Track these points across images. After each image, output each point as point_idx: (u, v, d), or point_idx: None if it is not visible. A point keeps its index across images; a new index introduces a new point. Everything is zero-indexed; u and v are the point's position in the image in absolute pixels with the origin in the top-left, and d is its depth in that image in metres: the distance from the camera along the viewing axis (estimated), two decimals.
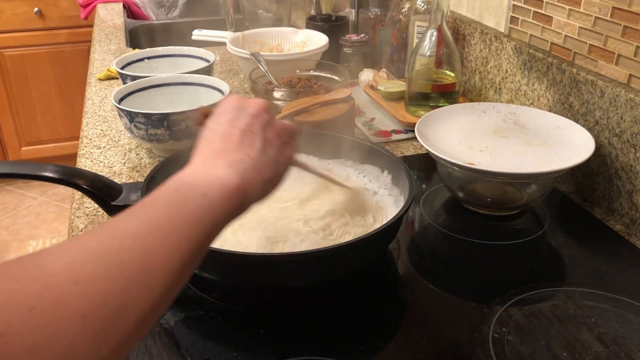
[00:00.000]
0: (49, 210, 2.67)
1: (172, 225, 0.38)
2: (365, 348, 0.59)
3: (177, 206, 0.40)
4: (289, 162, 0.55)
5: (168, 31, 1.83)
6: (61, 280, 0.31)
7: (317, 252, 0.61)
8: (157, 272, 0.36)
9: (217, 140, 0.50)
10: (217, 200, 0.43)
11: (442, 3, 1.03)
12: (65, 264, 0.32)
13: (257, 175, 0.48)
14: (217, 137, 0.50)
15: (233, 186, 0.45)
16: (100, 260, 0.33)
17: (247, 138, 0.50)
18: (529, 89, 0.98)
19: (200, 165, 0.47)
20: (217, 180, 0.45)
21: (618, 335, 0.60)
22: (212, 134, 0.51)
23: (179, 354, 0.58)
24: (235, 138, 0.49)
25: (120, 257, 0.34)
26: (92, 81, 1.36)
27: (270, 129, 0.52)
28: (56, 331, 0.29)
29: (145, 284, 0.35)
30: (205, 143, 0.50)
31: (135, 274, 0.34)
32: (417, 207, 0.85)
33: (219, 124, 0.51)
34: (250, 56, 1.18)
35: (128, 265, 0.34)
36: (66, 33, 2.62)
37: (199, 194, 0.42)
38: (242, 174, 0.47)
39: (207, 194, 0.43)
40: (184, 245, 0.38)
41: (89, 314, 0.31)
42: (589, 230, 0.80)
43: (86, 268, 0.32)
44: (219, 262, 0.62)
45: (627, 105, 0.78)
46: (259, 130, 0.51)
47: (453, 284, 0.70)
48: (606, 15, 0.82)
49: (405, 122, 1.08)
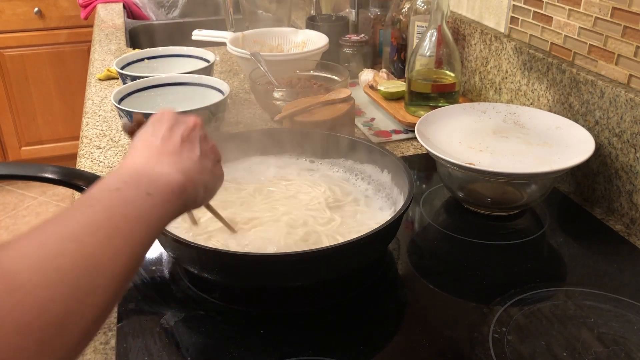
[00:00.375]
0: (49, 211, 2.67)
1: (115, 228, 0.37)
2: (365, 348, 0.59)
3: (119, 207, 0.39)
4: (221, 178, 0.56)
5: (168, 31, 1.83)
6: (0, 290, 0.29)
7: (317, 252, 0.61)
8: (101, 277, 0.34)
9: (157, 141, 0.49)
10: (161, 200, 0.42)
11: (442, 3, 1.03)
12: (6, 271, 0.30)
13: (199, 177, 0.49)
14: (157, 139, 0.49)
15: (178, 185, 0.45)
16: (38, 267, 0.31)
17: (186, 144, 0.50)
18: (529, 89, 0.98)
19: (142, 160, 0.46)
20: (162, 178, 0.44)
21: (618, 335, 0.60)
22: (151, 137, 0.50)
23: (179, 354, 0.58)
24: (176, 142, 0.49)
25: (60, 263, 0.32)
26: (92, 81, 1.36)
27: (205, 143, 0.53)
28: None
29: (88, 291, 0.33)
30: (143, 142, 0.49)
31: (77, 280, 0.32)
32: (417, 207, 0.85)
33: (157, 130, 0.51)
34: (250, 56, 1.18)
35: (69, 271, 0.32)
36: (66, 33, 2.62)
37: (143, 194, 0.41)
38: (186, 174, 0.46)
39: (152, 194, 0.42)
40: (128, 247, 0.37)
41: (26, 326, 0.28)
42: (589, 230, 0.80)
43: (22, 275, 0.30)
44: (219, 262, 0.62)
45: (627, 105, 0.78)
46: (196, 141, 0.51)
47: (453, 284, 0.70)
48: (606, 15, 0.82)
49: (405, 122, 1.08)
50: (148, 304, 0.65)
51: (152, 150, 0.47)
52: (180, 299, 0.66)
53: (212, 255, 0.61)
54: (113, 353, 0.58)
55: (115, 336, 0.60)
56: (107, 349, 0.59)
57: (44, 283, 0.31)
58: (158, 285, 0.68)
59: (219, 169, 0.55)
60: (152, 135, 0.50)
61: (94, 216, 0.37)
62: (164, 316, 0.63)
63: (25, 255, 0.32)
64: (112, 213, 0.38)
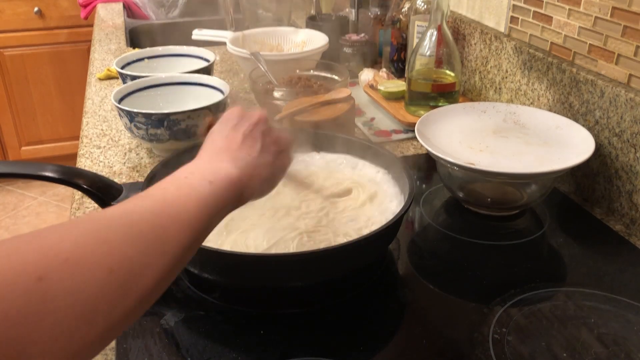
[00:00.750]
0: (49, 210, 2.67)
1: (183, 206, 0.44)
2: (365, 348, 0.59)
3: (187, 189, 0.46)
4: (284, 168, 0.60)
5: (168, 31, 1.83)
6: (90, 241, 0.36)
7: (317, 252, 0.61)
8: (170, 243, 0.41)
9: (221, 140, 0.55)
10: (220, 188, 0.48)
11: (442, 3, 1.03)
12: (94, 229, 0.38)
13: (255, 172, 0.54)
14: (221, 139, 0.56)
15: (235, 178, 0.50)
16: (123, 228, 0.39)
17: (248, 141, 0.55)
18: (529, 88, 0.98)
19: (206, 159, 0.53)
20: (222, 171, 0.50)
21: (618, 336, 0.60)
22: (216, 136, 0.56)
23: (179, 354, 0.58)
24: (238, 140, 0.55)
25: (140, 229, 0.40)
26: (92, 81, 1.36)
27: (268, 136, 0.58)
28: (87, 279, 0.34)
29: (161, 253, 0.40)
30: (210, 143, 0.56)
31: (152, 243, 0.40)
32: (417, 207, 0.85)
33: (223, 129, 0.57)
34: (250, 56, 1.17)
35: (146, 235, 0.40)
36: (66, 33, 2.62)
37: (206, 182, 0.48)
38: (242, 169, 0.52)
39: (213, 182, 0.48)
40: (193, 223, 0.44)
41: (114, 269, 0.36)
42: (589, 230, 0.80)
43: (110, 233, 0.38)
44: (219, 262, 0.62)
45: (627, 105, 0.78)
46: (258, 136, 0.57)
47: (453, 284, 0.70)
48: (606, 15, 0.82)
49: (405, 122, 1.08)
50: None
51: (215, 149, 0.54)
52: (180, 299, 0.66)
53: (212, 255, 0.61)
54: (113, 353, 0.58)
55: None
56: (107, 349, 0.59)
57: (127, 242, 0.38)
58: None
59: (283, 158, 0.59)
60: (218, 135, 0.56)
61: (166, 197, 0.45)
62: (164, 316, 0.63)
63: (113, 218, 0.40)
64: (180, 195, 0.45)
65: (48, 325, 0.32)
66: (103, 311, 0.35)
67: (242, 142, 0.55)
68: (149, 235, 0.40)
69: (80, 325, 0.33)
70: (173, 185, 0.47)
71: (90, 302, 0.34)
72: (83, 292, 0.34)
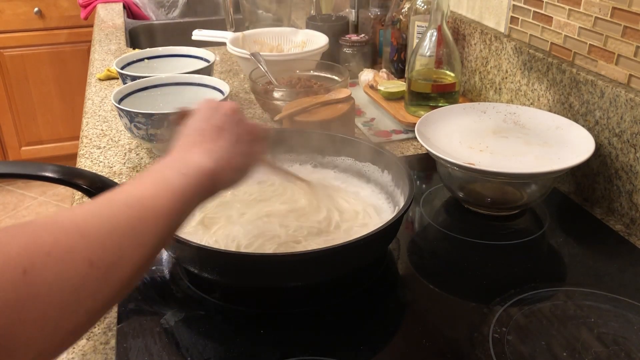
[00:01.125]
0: (49, 210, 2.67)
1: (158, 199, 0.46)
2: (365, 348, 0.59)
3: (162, 183, 0.48)
4: (258, 156, 0.61)
5: (168, 31, 1.83)
6: (70, 235, 0.38)
7: (317, 252, 0.61)
8: (146, 235, 0.43)
9: (194, 134, 0.57)
10: (194, 180, 0.50)
11: (442, 3, 1.03)
12: (73, 223, 0.39)
13: (228, 162, 0.55)
14: (193, 132, 0.57)
15: (208, 169, 0.52)
16: (101, 221, 0.40)
17: (220, 132, 0.57)
18: (529, 89, 0.98)
19: (181, 152, 0.55)
20: (195, 163, 0.52)
21: (618, 335, 0.60)
22: (189, 130, 0.58)
23: (179, 354, 0.58)
24: (210, 132, 0.56)
25: (117, 222, 0.41)
26: (92, 81, 1.36)
27: (241, 126, 0.59)
28: (69, 271, 0.36)
29: (137, 244, 0.42)
30: (183, 137, 0.57)
31: (129, 236, 0.42)
32: (417, 207, 0.85)
33: (195, 122, 0.58)
34: (250, 56, 1.18)
35: (123, 228, 0.41)
36: (66, 33, 2.62)
37: (180, 174, 0.49)
38: (216, 160, 0.53)
39: (186, 174, 0.50)
40: (167, 215, 0.46)
41: (94, 261, 0.38)
42: (589, 230, 0.80)
43: (89, 227, 0.39)
44: (219, 262, 0.62)
45: (627, 105, 0.78)
46: (230, 127, 0.58)
47: (453, 284, 0.70)
48: (606, 15, 0.82)
49: (405, 122, 1.08)
50: (148, 304, 0.65)
51: (189, 142, 0.55)
52: (180, 299, 0.66)
53: (212, 255, 0.61)
54: (113, 353, 0.58)
55: (115, 336, 0.60)
56: (107, 349, 0.59)
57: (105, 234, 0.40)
58: (158, 285, 0.68)
59: (256, 147, 0.60)
60: (191, 128, 0.58)
61: (142, 189, 0.46)
62: (164, 316, 0.63)
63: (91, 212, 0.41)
64: (156, 188, 0.47)
65: (34, 316, 0.33)
66: (85, 301, 0.37)
67: (215, 134, 0.56)
68: (126, 228, 0.42)
69: (65, 315, 0.35)
70: (148, 179, 0.48)
71: (73, 293, 0.36)
72: (66, 284, 0.35)
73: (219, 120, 0.58)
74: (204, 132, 0.57)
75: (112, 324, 0.62)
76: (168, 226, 0.46)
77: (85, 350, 0.59)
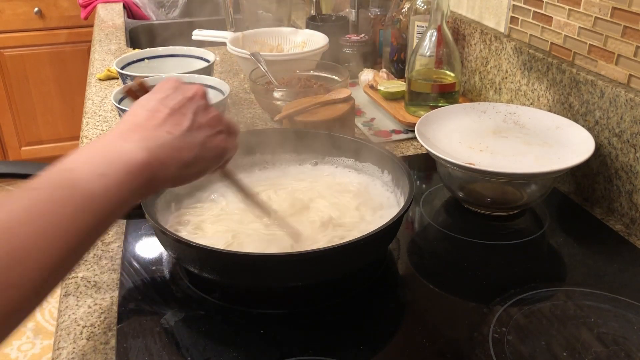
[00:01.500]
0: None
1: (55, 214, 0.35)
2: (365, 348, 0.59)
3: (66, 189, 0.37)
4: (219, 152, 0.52)
5: (168, 31, 1.83)
6: None
7: (317, 252, 0.61)
8: (26, 271, 0.33)
9: (142, 114, 0.48)
10: (117, 181, 0.41)
11: (442, 3, 1.03)
12: None
13: (173, 154, 0.47)
14: (143, 111, 0.49)
15: (139, 163, 0.43)
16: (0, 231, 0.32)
17: (174, 117, 0.48)
18: (529, 89, 0.98)
19: (111, 136, 0.45)
20: (122, 156, 0.42)
21: (618, 335, 0.60)
22: (139, 109, 0.49)
23: (179, 354, 0.58)
24: (162, 115, 0.48)
25: (10, 236, 0.33)
26: (92, 81, 1.36)
27: (203, 114, 0.51)
28: None
29: (9, 285, 0.32)
30: (129, 115, 0.49)
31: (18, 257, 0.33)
32: (417, 207, 0.85)
33: (150, 100, 0.50)
34: (250, 56, 1.18)
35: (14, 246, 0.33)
36: (66, 33, 2.62)
37: (95, 175, 0.40)
38: (152, 151, 0.44)
39: (105, 175, 0.40)
40: (69, 235, 0.36)
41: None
42: (589, 230, 0.80)
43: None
44: (219, 262, 0.62)
45: (627, 105, 0.78)
46: (189, 112, 0.50)
47: (453, 284, 0.70)
48: (606, 15, 0.82)
49: (405, 122, 1.08)
50: (148, 304, 0.65)
51: (129, 124, 0.47)
52: (180, 299, 0.66)
53: (212, 255, 0.61)
54: (113, 353, 0.58)
55: (115, 336, 0.60)
56: (107, 349, 0.59)
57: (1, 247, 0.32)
58: (158, 285, 0.68)
59: (219, 141, 0.52)
60: (141, 107, 0.49)
61: (36, 200, 0.36)
62: (164, 316, 0.63)
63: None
64: (55, 197, 0.36)
65: None
66: None
67: (166, 118, 0.48)
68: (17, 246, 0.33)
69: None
70: (50, 183, 0.38)
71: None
72: None
73: (177, 103, 0.49)
74: (153, 114, 0.48)
75: (112, 324, 0.62)
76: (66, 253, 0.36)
77: (85, 350, 0.59)
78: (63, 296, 0.67)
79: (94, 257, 0.73)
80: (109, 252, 0.74)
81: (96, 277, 0.70)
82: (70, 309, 0.65)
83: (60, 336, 0.61)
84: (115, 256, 0.73)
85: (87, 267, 0.71)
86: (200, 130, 0.50)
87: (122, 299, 0.65)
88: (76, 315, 0.64)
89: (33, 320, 2.02)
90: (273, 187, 0.79)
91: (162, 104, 0.49)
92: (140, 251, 0.74)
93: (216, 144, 0.51)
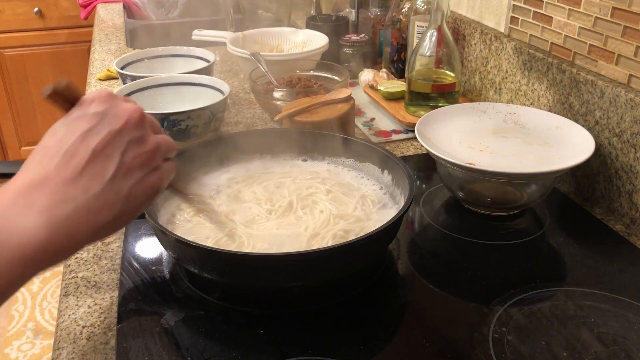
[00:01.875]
0: None
1: None
2: (365, 348, 0.59)
3: None
4: (151, 194, 0.45)
5: (168, 31, 1.83)
6: None
7: (317, 252, 0.61)
8: None
9: (56, 157, 0.39)
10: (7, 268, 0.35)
11: (442, 3, 1.03)
12: None
13: (88, 219, 0.39)
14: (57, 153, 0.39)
15: (35, 246, 0.36)
16: None
17: (96, 163, 0.40)
18: (529, 89, 0.98)
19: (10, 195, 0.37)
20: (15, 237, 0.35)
21: (618, 335, 0.60)
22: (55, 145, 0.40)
23: (179, 354, 0.58)
24: (80, 162, 0.39)
25: None
26: (92, 81, 1.36)
27: (134, 150, 0.42)
28: None
29: None
30: (41, 155, 0.40)
31: None
32: (417, 207, 0.85)
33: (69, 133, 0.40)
34: (250, 56, 1.18)
35: None
36: (66, 33, 2.62)
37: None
38: (57, 226, 0.37)
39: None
40: None
41: None
42: (589, 230, 0.80)
43: None
44: (219, 262, 0.62)
45: (627, 105, 0.78)
46: (116, 153, 0.41)
47: (453, 284, 0.70)
48: (606, 15, 0.82)
49: (405, 122, 1.08)
50: (148, 304, 0.65)
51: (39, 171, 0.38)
52: (180, 299, 0.66)
53: (212, 255, 0.61)
54: (113, 353, 0.58)
55: (115, 336, 0.60)
56: (107, 349, 0.59)
57: None
58: (158, 285, 0.68)
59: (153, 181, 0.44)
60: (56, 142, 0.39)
61: None
62: (164, 316, 0.63)
63: None
64: None
65: None
66: None
67: (85, 167, 0.39)
68: None
69: None
70: None
71: None
72: None
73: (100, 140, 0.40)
74: (69, 161, 0.39)
75: (112, 324, 0.62)
76: None
77: (85, 350, 0.59)
78: (63, 296, 0.67)
79: (94, 257, 0.73)
80: (109, 252, 0.74)
81: (96, 277, 0.70)
82: (70, 309, 0.65)
83: (60, 336, 0.61)
84: (115, 256, 0.73)
85: (87, 267, 0.71)
86: (128, 176, 0.41)
87: (122, 299, 0.65)
88: (76, 315, 0.64)
89: (33, 320, 2.02)
90: (273, 186, 0.79)
91: (82, 143, 0.40)
92: (140, 251, 0.74)
93: (147, 186, 0.43)
